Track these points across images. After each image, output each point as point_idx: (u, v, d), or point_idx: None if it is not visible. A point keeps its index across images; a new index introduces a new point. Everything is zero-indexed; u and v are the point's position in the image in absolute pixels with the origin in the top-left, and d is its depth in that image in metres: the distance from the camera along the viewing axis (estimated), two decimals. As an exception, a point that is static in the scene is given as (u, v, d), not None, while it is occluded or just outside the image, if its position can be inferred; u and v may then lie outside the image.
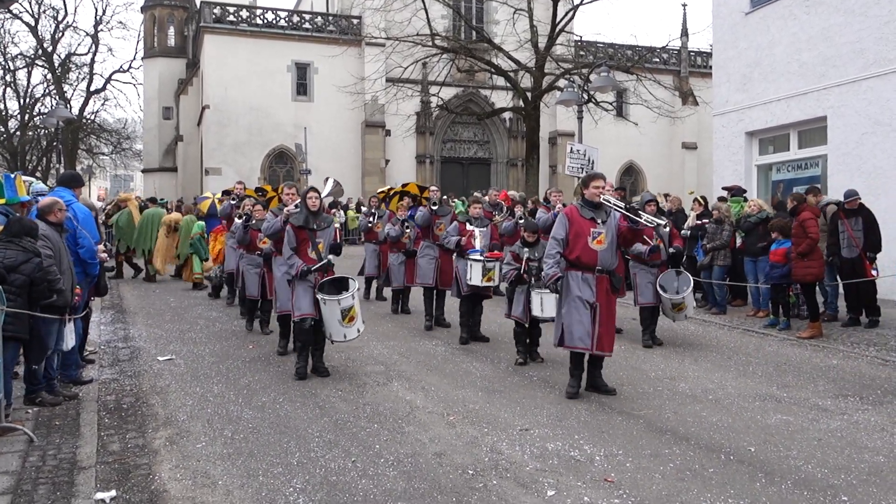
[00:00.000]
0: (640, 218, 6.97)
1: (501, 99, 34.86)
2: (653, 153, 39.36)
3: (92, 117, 46.93)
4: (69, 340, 7.00)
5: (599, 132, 29.23)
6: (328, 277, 7.77)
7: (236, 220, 10.85)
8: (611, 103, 27.88)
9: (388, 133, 35.53)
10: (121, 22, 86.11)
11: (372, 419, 6.33)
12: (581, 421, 6.32)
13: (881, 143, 13.03)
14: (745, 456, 5.43)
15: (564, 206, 11.59)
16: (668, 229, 9.20)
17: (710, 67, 19.16)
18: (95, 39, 45.22)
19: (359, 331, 7.73)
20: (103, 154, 49.58)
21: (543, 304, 8.00)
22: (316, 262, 7.70)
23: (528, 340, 8.51)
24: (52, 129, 32.52)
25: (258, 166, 34.94)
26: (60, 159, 32.64)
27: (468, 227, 9.77)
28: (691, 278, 9.65)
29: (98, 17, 45.64)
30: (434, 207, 10.99)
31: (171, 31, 45.10)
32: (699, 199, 13.12)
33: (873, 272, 10.07)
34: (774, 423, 6.26)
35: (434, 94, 29.12)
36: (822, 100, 14.11)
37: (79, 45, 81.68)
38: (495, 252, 9.53)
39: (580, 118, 18.33)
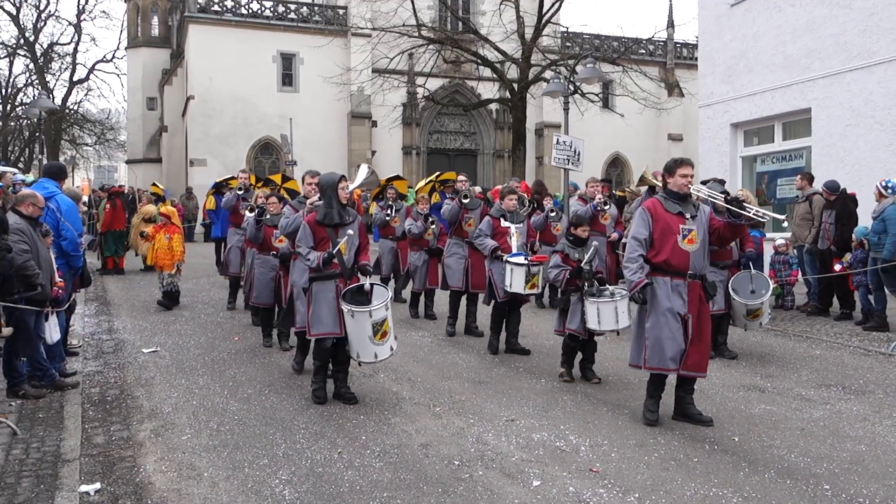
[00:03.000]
0: (748, 211, 5.86)
1: (488, 90, 34.76)
2: (639, 145, 39.37)
3: (75, 108, 46.58)
4: (53, 333, 6.96)
5: (586, 124, 29.18)
6: (353, 285, 6.43)
7: (247, 213, 9.41)
8: (597, 95, 27.83)
9: (374, 124, 35.36)
10: (104, 11, 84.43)
11: (358, 410, 6.33)
12: (567, 411, 6.35)
13: (864, 135, 13.12)
14: (728, 445, 5.48)
15: (608, 198, 10.75)
16: (787, 224, 7.96)
17: (696, 59, 19.20)
18: (78, 29, 44.83)
19: (392, 349, 6.39)
20: (87, 145, 49.16)
21: (601, 315, 6.87)
22: (337, 269, 6.40)
23: (580, 356, 7.46)
24: (35, 120, 32.11)
25: (243, 157, 34.66)
26: (43, 150, 32.30)
27: (503, 223, 8.54)
28: (770, 280, 8.42)
29: (80, 7, 45.23)
30: (465, 200, 9.77)
31: (155, 20, 44.66)
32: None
33: (837, 266, 10.21)
34: (758, 412, 6.32)
35: (420, 85, 29.01)
36: (807, 92, 14.18)
37: (61, 34, 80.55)
38: (541, 255, 8.46)
39: (566, 109, 18.29)
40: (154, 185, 20.84)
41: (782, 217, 6.51)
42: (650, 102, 26.77)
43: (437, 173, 14.39)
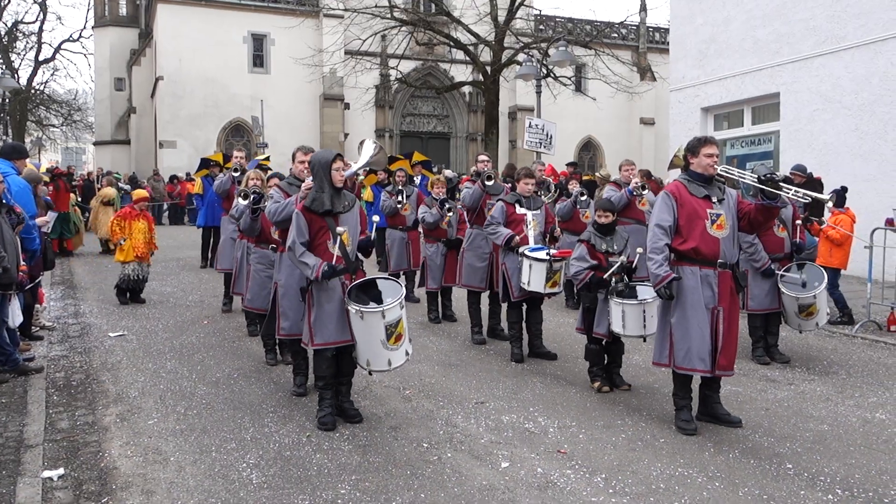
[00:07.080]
0: (787, 192, 5.40)
1: (461, 73, 34.69)
2: (611, 128, 39.62)
3: (41, 88, 45.65)
4: (16, 317, 6.84)
5: (558, 107, 29.24)
6: (357, 281, 5.50)
7: (239, 199, 7.73)
8: (569, 78, 27.83)
9: (346, 106, 35.18)
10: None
11: (327, 394, 6.30)
12: (536, 394, 6.38)
13: (831, 119, 13.29)
14: (694, 426, 5.54)
15: (655, 179, 10.17)
16: (831, 205, 7.31)
17: (668, 43, 19.28)
18: (43, 7, 43.87)
19: (407, 353, 5.48)
20: (53, 126, 48.25)
21: (626, 318, 6.18)
22: (341, 261, 5.37)
23: (606, 360, 6.69)
24: (-1, 100, 31.55)
25: (214, 139, 34.36)
26: (8, 131, 31.78)
27: (518, 209, 7.54)
28: (823, 271, 7.53)
29: (46, -16, 44.18)
30: (489, 183, 8.54)
31: (123, -1, 43.89)
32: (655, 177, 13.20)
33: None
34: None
35: (393, 68, 28.85)
36: (776, 76, 14.32)
37: (26, 13, 79.03)
38: (564, 250, 7.45)
39: (539, 93, 18.35)
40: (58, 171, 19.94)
41: (826, 197, 5.96)
42: (622, 86, 26.87)
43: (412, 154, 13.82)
